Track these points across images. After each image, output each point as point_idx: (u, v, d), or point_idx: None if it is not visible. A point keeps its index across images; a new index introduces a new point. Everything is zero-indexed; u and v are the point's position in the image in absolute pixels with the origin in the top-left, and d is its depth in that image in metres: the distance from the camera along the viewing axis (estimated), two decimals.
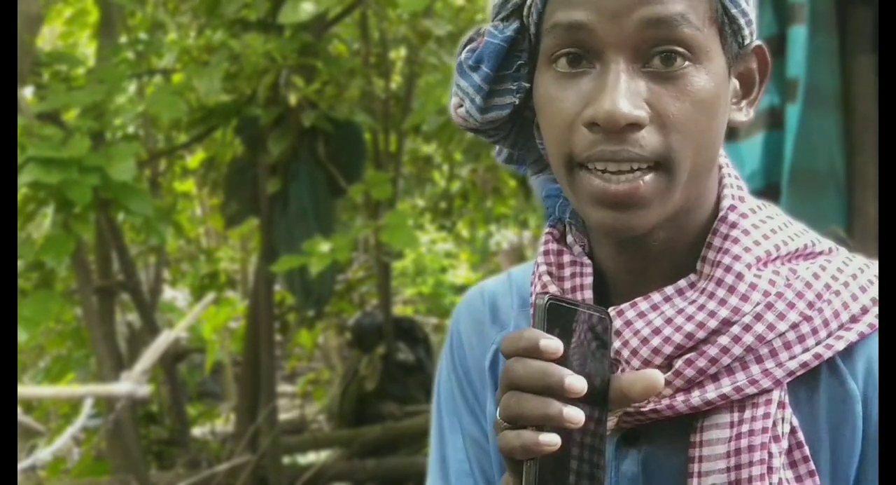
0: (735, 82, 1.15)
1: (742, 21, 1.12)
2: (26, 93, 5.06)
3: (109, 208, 5.06)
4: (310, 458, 6.89)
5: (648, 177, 1.08)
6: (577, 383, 1.02)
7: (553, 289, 1.17)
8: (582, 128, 1.08)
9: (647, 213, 1.09)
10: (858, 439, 1.11)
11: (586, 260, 1.19)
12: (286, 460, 6.41)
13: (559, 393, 1.01)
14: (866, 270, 1.17)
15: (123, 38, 5.76)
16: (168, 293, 8.36)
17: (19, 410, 4.20)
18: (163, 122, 6.05)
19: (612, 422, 1.10)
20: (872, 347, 1.13)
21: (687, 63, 1.08)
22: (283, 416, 7.13)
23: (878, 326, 1.13)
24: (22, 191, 4.59)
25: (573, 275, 1.18)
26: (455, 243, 9.49)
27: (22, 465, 4.22)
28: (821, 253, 1.19)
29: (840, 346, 1.11)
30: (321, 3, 4.48)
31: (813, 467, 1.11)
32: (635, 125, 1.06)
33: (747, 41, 1.15)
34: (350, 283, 7.94)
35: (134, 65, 5.50)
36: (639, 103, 1.07)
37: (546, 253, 1.21)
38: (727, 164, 1.21)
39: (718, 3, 1.10)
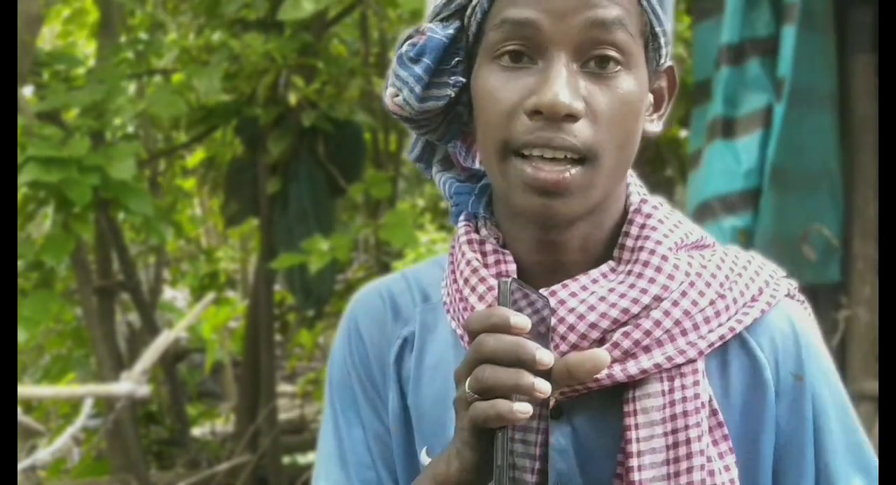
0: (650, 96, 1.27)
1: (662, 40, 1.24)
2: (26, 92, 5.07)
3: (109, 208, 5.06)
4: (310, 458, 6.88)
5: (575, 169, 1.17)
6: (546, 356, 1.11)
7: (484, 272, 1.25)
8: (522, 116, 1.18)
9: (572, 201, 1.18)
10: (769, 402, 1.25)
11: (505, 250, 1.27)
12: (286, 460, 6.42)
13: (530, 366, 1.10)
14: (753, 259, 1.31)
15: (123, 38, 5.76)
16: (168, 293, 8.36)
17: (19, 410, 4.21)
18: (163, 121, 6.05)
19: (552, 401, 1.16)
20: (771, 322, 1.27)
21: (619, 67, 1.19)
22: (283, 416, 7.13)
23: (774, 304, 1.27)
24: (22, 190, 4.59)
25: (497, 262, 1.26)
26: None
27: (22, 465, 4.23)
28: (709, 246, 1.31)
29: (748, 320, 1.25)
30: (321, 0, 4.48)
31: (727, 431, 1.23)
32: (573, 116, 1.16)
33: (663, 60, 1.27)
34: (350, 283, 7.93)
35: (134, 65, 5.50)
36: (577, 96, 1.17)
37: (470, 242, 1.28)
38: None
39: (647, 20, 1.22)
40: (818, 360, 1.28)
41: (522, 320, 1.11)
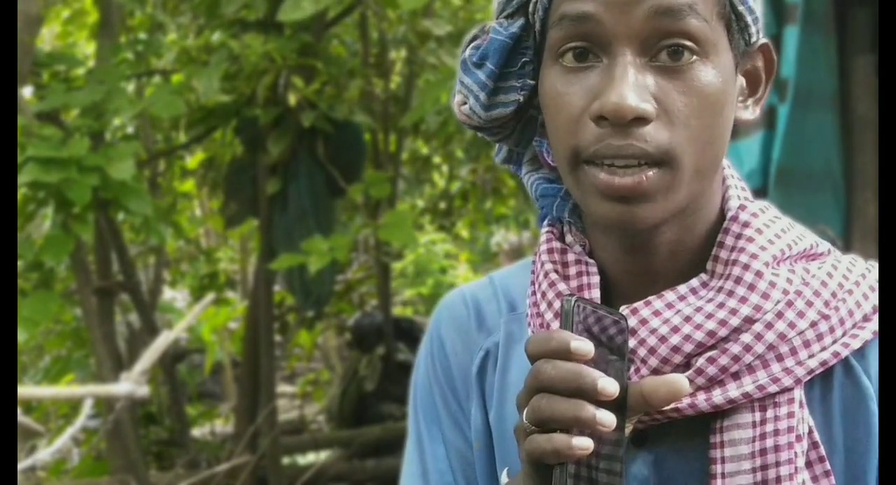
0: (742, 80, 1.15)
1: (749, 18, 1.12)
2: (26, 93, 5.06)
3: (109, 208, 5.06)
4: (309, 458, 6.89)
5: (653, 171, 1.07)
6: (609, 385, 1.00)
7: (562, 287, 1.16)
8: (589, 122, 1.08)
9: (652, 206, 1.08)
10: (874, 437, 1.12)
11: (590, 260, 1.18)
12: (286, 460, 6.41)
13: (591, 396, 0.99)
14: (872, 270, 1.18)
15: (123, 39, 5.76)
16: (167, 294, 8.36)
17: (19, 410, 4.20)
18: (162, 122, 6.05)
19: (628, 428, 1.08)
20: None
21: (694, 57, 1.08)
22: (283, 416, 7.13)
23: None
24: (21, 191, 4.58)
25: (579, 274, 1.17)
26: (455, 244, 9.49)
27: (22, 465, 4.23)
28: (822, 254, 1.19)
29: (856, 344, 1.12)
30: (321, 1, 4.48)
31: (829, 467, 1.10)
32: (642, 119, 1.06)
33: (754, 39, 1.14)
34: (350, 283, 7.94)
35: (133, 65, 5.50)
36: (646, 97, 1.06)
37: (550, 251, 1.19)
38: (729, 165, 1.21)
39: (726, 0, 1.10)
40: None
41: (584, 346, 1.00)
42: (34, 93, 5.19)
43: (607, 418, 0.99)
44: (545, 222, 1.23)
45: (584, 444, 0.99)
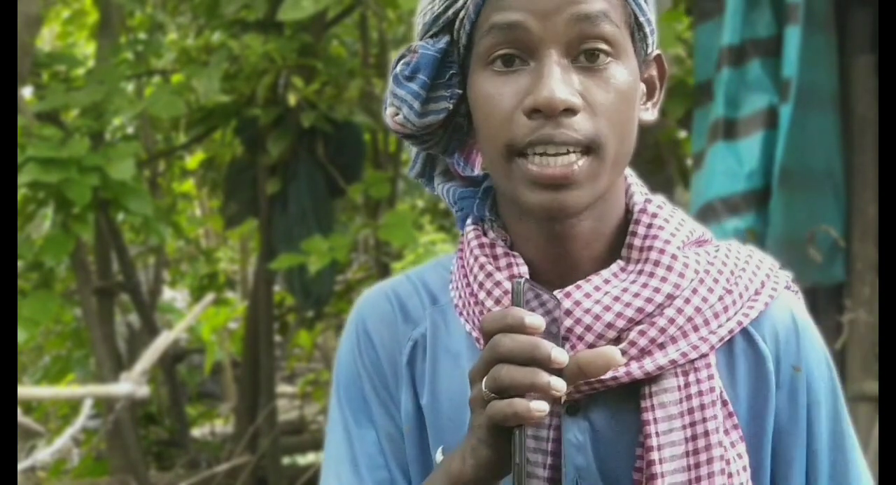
0: (642, 86, 1.30)
1: (648, 30, 1.28)
2: (26, 93, 5.07)
3: (109, 208, 5.06)
4: (309, 458, 6.89)
5: (581, 160, 1.21)
6: (561, 355, 1.13)
7: (500, 276, 1.27)
8: (521, 117, 1.21)
9: (580, 193, 1.22)
10: (772, 392, 1.29)
11: (515, 253, 1.30)
12: (286, 460, 6.42)
13: (546, 365, 1.12)
14: (753, 253, 1.35)
15: (123, 39, 5.76)
16: (167, 294, 8.36)
17: (19, 410, 4.20)
18: (162, 122, 6.05)
19: (563, 397, 1.18)
20: (773, 315, 1.31)
21: (609, 59, 1.22)
22: (283, 416, 7.13)
23: (776, 296, 1.31)
24: (21, 191, 4.59)
25: (508, 265, 1.29)
26: (454, 244, 9.47)
27: (22, 465, 4.23)
28: (708, 241, 1.35)
29: (754, 314, 1.29)
30: (321, 1, 4.48)
31: (737, 421, 1.27)
32: (570, 110, 1.19)
33: (650, 50, 1.30)
34: (349, 283, 7.93)
35: (133, 65, 5.51)
36: (573, 90, 1.20)
37: (481, 246, 1.31)
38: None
39: (630, 10, 1.25)
40: (815, 350, 1.32)
41: (537, 320, 1.13)
42: (34, 93, 5.19)
43: (559, 384, 1.12)
44: (468, 221, 1.35)
45: (541, 407, 1.11)
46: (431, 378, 1.33)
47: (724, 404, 1.26)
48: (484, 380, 1.14)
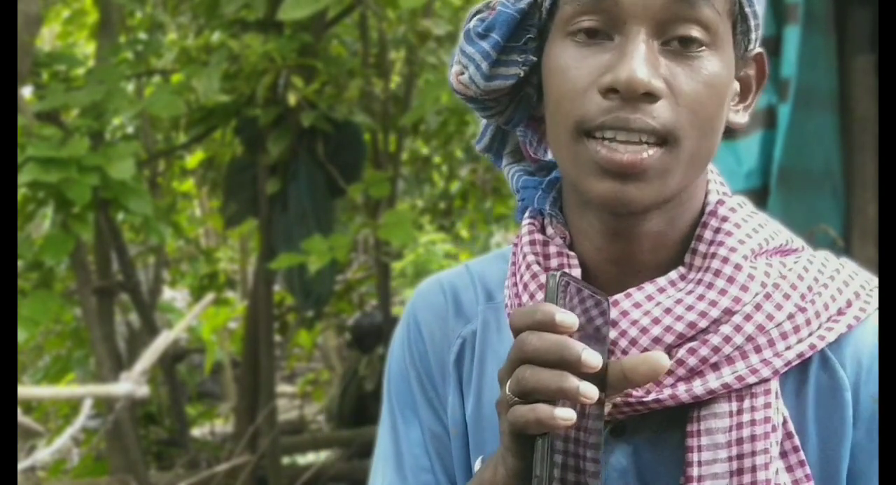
0: (736, 84, 1.17)
1: (752, 23, 1.15)
2: (25, 92, 5.07)
3: (109, 208, 5.06)
4: (309, 458, 6.89)
5: (653, 150, 1.08)
6: (592, 357, 1.01)
7: (544, 278, 1.15)
8: (596, 95, 1.09)
9: (648, 187, 1.09)
10: (848, 427, 1.14)
11: (571, 252, 1.18)
12: (286, 460, 6.41)
13: (575, 367, 1.00)
14: (846, 266, 1.20)
15: (122, 39, 5.76)
16: (167, 294, 8.36)
17: (19, 410, 4.20)
18: (162, 122, 6.05)
19: (607, 407, 1.09)
20: (858, 338, 1.15)
21: (704, 47, 1.10)
22: (283, 416, 7.13)
23: (864, 318, 1.15)
24: (21, 191, 4.59)
25: (560, 266, 1.18)
26: (455, 244, 9.48)
27: (22, 465, 4.23)
28: (796, 250, 1.21)
29: (832, 337, 1.13)
30: (321, 0, 4.48)
31: (803, 456, 1.12)
32: (652, 95, 1.08)
33: (751, 46, 1.17)
34: (349, 283, 7.93)
35: (133, 65, 5.50)
36: (657, 74, 1.08)
37: (532, 243, 1.20)
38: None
39: None
40: None
41: (569, 318, 1.01)
42: (34, 93, 5.19)
43: (590, 390, 1.00)
44: (526, 215, 1.24)
45: (567, 414, 0.99)
46: (477, 382, 1.23)
47: (789, 436, 1.12)
48: (508, 382, 1.03)
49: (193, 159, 7.17)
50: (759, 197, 3.27)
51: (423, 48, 5.63)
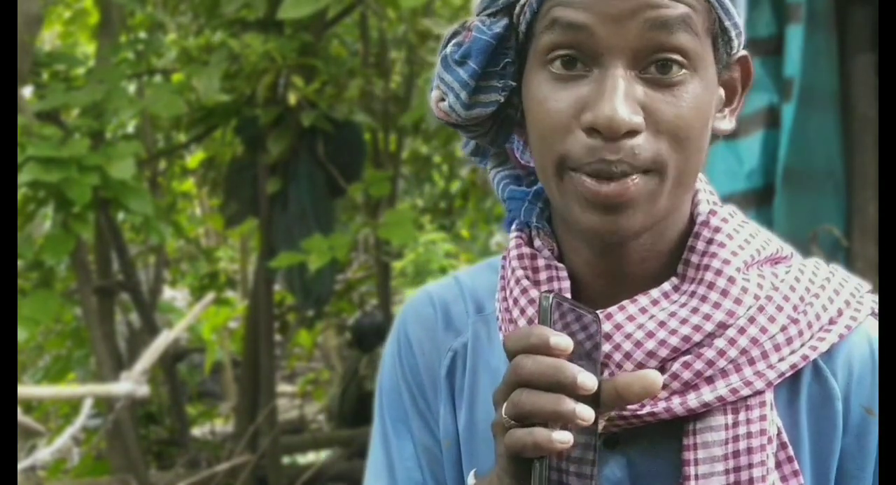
0: (720, 91, 1.16)
1: (733, 33, 1.14)
2: (26, 92, 5.07)
3: (109, 208, 5.06)
4: (309, 458, 6.89)
5: (639, 178, 1.08)
6: (588, 380, 1.01)
7: (534, 294, 1.15)
8: (578, 132, 1.07)
9: (636, 215, 1.09)
10: (839, 436, 1.14)
11: (560, 264, 1.18)
12: (286, 460, 6.41)
13: (571, 390, 1.00)
14: (835, 274, 1.20)
15: (123, 38, 5.76)
16: (167, 293, 8.36)
17: (19, 410, 4.20)
18: (162, 121, 6.05)
19: (601, 426, 1.08)
20: (849, 348, 1.15)
21: (683, 71, 1.08)
22: (283, 416, 7.13)
23: (854, 327, 1.16)
24: (22, 191, 4.59)
25: (549, 279, 1.17)
26: (455, 243, 9.47)
27: (22, 465, 4.23)
28: (786, 258, 1.20)
29: (823, 347, 1.14)
30: (321, 0, 4.48)
31: (797, 466, 1.12)
32: (633, 132, 1.06)
33: (734, 51, 1.16)
34: (350, 283, 7.93)
35: (134, 65, 5.50)
36: (636, 109, 1.06)
37: (520, 257, 1.19)
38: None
39: (715, 15, 1.11)
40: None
41: (563, 341, 1.01)
42: (34, 93, 5.19)
43: (586, 412, 1.00)
44: (513, 227, 1.23)
45: (564, 437, 0.99)
46: (470, 395, 1.22)
47: (784, 446, 1.12)
48: (504, 405, 1.03)
49: (194, 159, 7.17)
50: (761, 197, 3.27)
51: (424, 48, 5.63)
